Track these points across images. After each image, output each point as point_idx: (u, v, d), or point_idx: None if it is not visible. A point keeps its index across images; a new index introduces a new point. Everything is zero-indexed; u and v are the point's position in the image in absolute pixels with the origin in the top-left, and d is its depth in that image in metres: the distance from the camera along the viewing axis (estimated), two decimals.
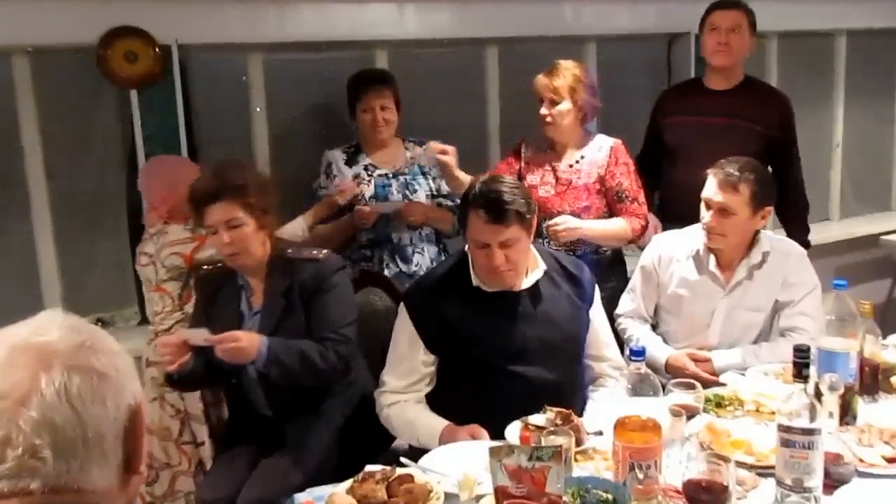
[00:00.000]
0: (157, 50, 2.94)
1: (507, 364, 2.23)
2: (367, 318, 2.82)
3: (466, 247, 2.31)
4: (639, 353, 1.74)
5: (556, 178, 2.92)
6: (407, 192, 3.02)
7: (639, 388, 1.74)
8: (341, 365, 2.28)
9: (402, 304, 2.37)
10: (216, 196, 2.22)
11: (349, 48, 3.36)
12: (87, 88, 3.01)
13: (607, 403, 2.17)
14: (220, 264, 2.43)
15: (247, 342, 2.13)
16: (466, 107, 3.64)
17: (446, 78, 3.57)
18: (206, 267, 2.56)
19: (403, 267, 2.99)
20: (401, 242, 3.00)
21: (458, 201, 3.02)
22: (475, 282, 2.27)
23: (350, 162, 3.04)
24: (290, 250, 2.38)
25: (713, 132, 3.04)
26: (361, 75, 3.06)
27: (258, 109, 3.28)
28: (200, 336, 2.14)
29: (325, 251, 2.40)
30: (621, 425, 1.65)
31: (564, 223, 2.80)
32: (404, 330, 2.31)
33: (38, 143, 3.00)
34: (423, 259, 3.02)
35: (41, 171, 3.02)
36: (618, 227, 2.88)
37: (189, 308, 2.67)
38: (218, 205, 2.22)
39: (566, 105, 2.86)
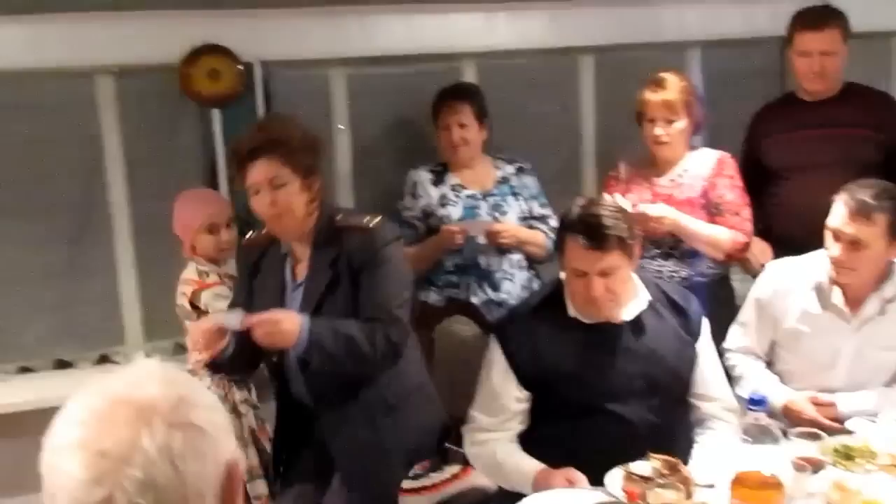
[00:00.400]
0: (239, 67, 3.01)
1: (607, 403, 2.17)
2: (454, 347, 2.82)
3: (562, 274, 2.26)
4: (759, 403, 1.65)
5: (655, 194, 2.85)
6: (496, 215, 2.99)
7: (757, 439, 1.66)
8: (391, 351, 2.17)
9: (492, 335, 2.34)
10: (258, 152, 2.14)
11: (436, 60, 3.36)
12: (169, 107, 3.10)
13: (718, 450, 2.09)
14: (264, 231, 2.35)
15: (287, 324, 2.05)
16: (560, 119, 3.58)
17: (538, 89, 3.52)
18: (249, 234, 2.47)
19: (492, 294, 2.95)
20: (489, 268, 2.96)
21: (551, 223, 3.00)
22: (572, 312, 2.23)
23: (436, 182, 3.04)
24: (338, 217, 2.27)
25: (818, 145, 2.90)
26: (441, 91, 3.06)
27: (341, 126, 3.31)
28: (236, 319, 2.08)
29: (377, 218, 2.28)
30: (739, 482, 1.57)
31: (659, 210, 2.70)
32: (495, 364, 2.28)
33: (121, 164, 3.11)
34: (514, 286, 2.97)
35: (123, 192, 3.12)
36: (719, 233, 2.78)
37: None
38: (260, 161, 2.13)
39: (683, 122, 2.79)
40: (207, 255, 2.72)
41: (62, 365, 3.15)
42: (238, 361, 2.23)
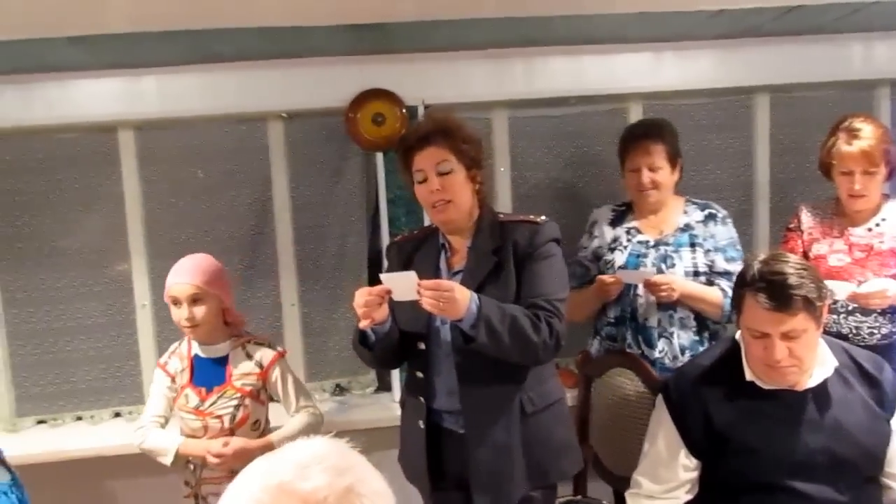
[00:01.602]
0: (403, 111, 3.08)
1: (787, 480, 2.05)
2: (614, 402, 2.73)
3: (738, 334, 2.15)
4: None
5: (850, 245, 2.70)
6: (663, 266, 2.80)
7: None
8: (552, 340, 2.15)
9: (660, 396, 2.26)
10: (427, 139, 2.26)
11: (599, 101, 3.31)
12: (334, 151, 3.22)
13: None
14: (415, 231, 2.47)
15: (458, 294, 2.05)
16: (731, 163, 3.44)
17: (709, 131, 3.40)
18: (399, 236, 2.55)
19: (646, 351, 2.80)
20: (647, 323, 2.81)
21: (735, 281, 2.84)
22: (749, 376, 2.12)
23: (614, 222, 2.93)
24: (501, 214, 2.37)
25: None
26: (631, 128, 2.93)
27: (501, 169, 3.31)
28: (410, 283, 2.05)
29: (543, 216, 2.32)
30: None
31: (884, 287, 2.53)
32: (663, 428, 2.20)
33: (288, 206, 3.24)
34: (670, 347, 2.78)
35: (289, 232, 3.24)
36: None
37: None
38: (429, 149, 2.25)
39: (882, 173, 2.65)
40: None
41: None
42: (387, 345, 2.26)
